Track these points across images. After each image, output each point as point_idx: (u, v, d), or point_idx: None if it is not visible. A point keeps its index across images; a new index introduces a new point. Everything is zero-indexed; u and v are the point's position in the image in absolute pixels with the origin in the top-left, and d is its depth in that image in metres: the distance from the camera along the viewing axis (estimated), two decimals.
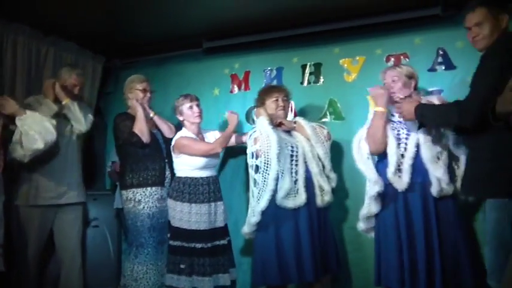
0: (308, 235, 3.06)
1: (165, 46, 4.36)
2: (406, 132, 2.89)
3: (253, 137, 3.20)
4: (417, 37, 3.57)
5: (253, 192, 3.14)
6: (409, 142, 2.85)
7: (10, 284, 3.29)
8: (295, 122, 3.39)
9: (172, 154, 3.54)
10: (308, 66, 3.95)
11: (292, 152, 3.17)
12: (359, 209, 3.02)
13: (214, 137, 3.60)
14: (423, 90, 3.21)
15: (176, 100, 3.61)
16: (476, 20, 2.48)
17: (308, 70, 3.95)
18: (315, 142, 3.24)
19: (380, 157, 2.99)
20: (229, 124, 3.59)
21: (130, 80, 3.65)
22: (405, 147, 2.86)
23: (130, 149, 3.48)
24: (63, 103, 3.41)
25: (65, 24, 3.87)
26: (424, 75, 3.43)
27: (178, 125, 3.69)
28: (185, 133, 3.54)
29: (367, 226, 3.04)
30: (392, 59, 3.63)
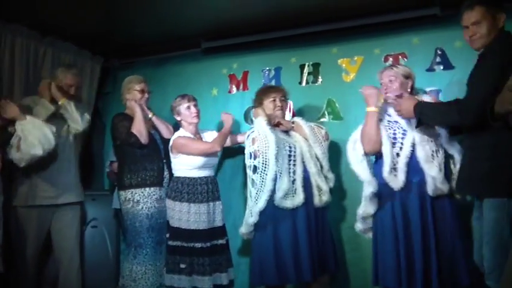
0: (306, 235, 3.06)
1: (164, 46, 4.35)
2: (403, 131, 2.88)
3: (251, 138, 3.20)
4: (415, 37, 3.57)
5: (251, 192, 3.14)
6: (405, 141, 2.85)
7: (9, 285, 3.28)
8: (293, 122, 3.39)
9: (170, 154, 3.54)
10: (306, 66, 3.95)
11: (290, 152, 3.18)
12: (357, 209, 3.02)
13: (212, 137, 3.59)
14: (421, 90, 3.21)
15: (174, 100, 3.61)
16: (474, 19, 2.47)
17: (306, 70, 3.94)
18: (313, 142, 3.25)
19: (377, 157, 2.99)
20: (225, 124, 3.61)
21: (128, 81, 3.64)
22: (401, 146, 2.86)
23: (128, 150, 3.47)
24: (59, 103, 3.41)
25: (63, 25, 3.86)
26: (423, 75, 3.43)
27: (175, 126, 3.68)
28: (183, 133, 3.54)
29: (364, 226, 3.04)
30: (390, 59, 3.63)
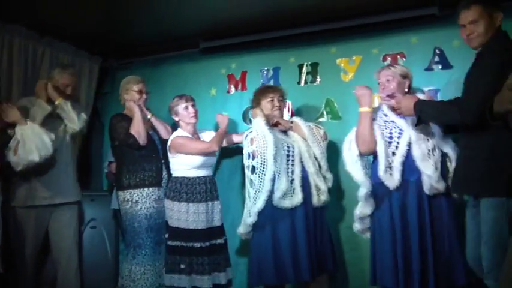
0: (304, 234, 3.06)
1: (162, 46, 4.35)
2: (399, 130, 2.88)
3: (249, 138, 3.20)
4: (414, 36, 3.57)
5: (249, 192, 3.14)
6: (401, 141, 2.85)
7: (8, 285, 3.28)
8: (292, 122, 3.39)
9: (168, 154, 3.53)
10: (305, 66, 3.94)
11: (288, 152, 3.18)
12: (355, 209, 3.02)
13: (210, 137, 3.59)
14: (419, 89, 3.20)
15: (172, 101, 3.61)
16: (471, 18, 2.47)
17: (305, 70, 3.94)
18: (312, 142, 3.25)
19: (374, 157, 2.98)
20: (220, 125, 3.61)
21: (126, 81, 3.63)
22: (397, 145, 2.85)
23: (126, 150, 3.46)
24: (56, 103, 3.41)
25: (61, 25, 3.86)
26: (421, 74, 3.43)
27: (174, 126, 3.68)
28: (181, 133, 3.54)
29: (362, 227, 3.04)
30: (389, 59, 3.63)
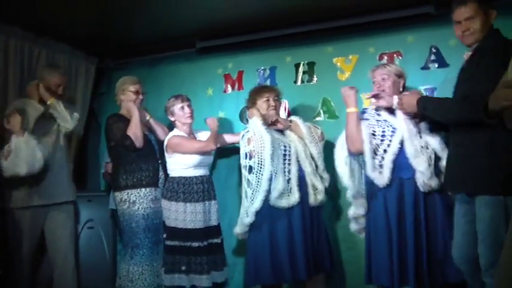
0: (301, 234, 3.07)
1: (158, 46, 4.34)
2: (392, 129, 2.87)
3: (246, 138, 3.20)
4: (410, 35, 3.57)
5: (246, 192, 3.14)
6: (394, 138, 2.84)
7: (5, 285, 3.28)
8: (291, 121, 3.39)
9: (165, 154, 3.54)
10: (301, 65, 3.94)
11: (285, 152, 3.18)
12: None
13: (206, 137, 3.58)
14: (416, 88, 3.21)
15: (167, 101, 3.60)
16: (467, 14, 2.46)
17: (301, 69, 3.94)
18: (309, 142, 3.25)
19: None
20: (211, 129, 3.57)
21: (122, 82, 3.62)
22: (389, 143, 2.85)
23: (122, 151, 3.46)
24: (48, 103, 3.41)
25: (57, 25, 3.85)
26: (417, 73, 3.44)
27: (170, 126, 3.68)
28: (177, 133, 3.54)
29: (358, 226, 3.06)
30: (385, 57, 3.62)
